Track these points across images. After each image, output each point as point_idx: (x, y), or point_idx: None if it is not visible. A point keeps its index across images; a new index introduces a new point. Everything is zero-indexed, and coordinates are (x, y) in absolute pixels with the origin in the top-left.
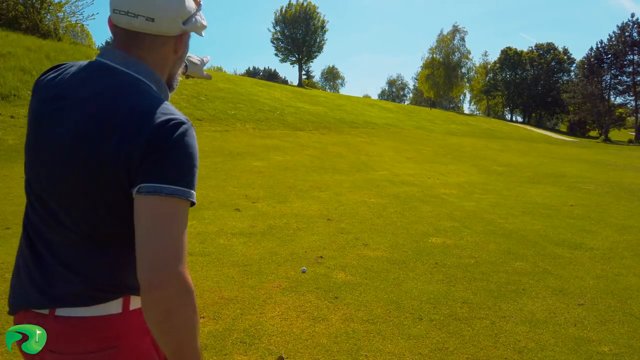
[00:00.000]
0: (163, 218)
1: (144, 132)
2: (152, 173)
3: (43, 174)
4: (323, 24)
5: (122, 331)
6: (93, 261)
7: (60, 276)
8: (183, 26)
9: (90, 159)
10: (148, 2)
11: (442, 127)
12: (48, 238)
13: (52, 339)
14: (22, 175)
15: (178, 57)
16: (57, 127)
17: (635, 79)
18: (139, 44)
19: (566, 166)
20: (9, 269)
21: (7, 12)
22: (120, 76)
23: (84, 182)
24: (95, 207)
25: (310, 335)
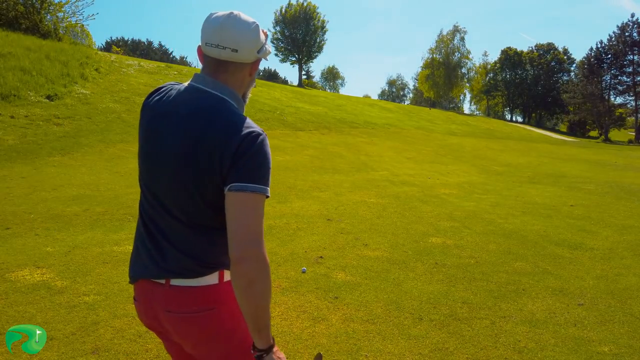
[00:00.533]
0: (248, 209)
1: (233, 143)
2: (240, 175)
3: (157, 176)
4: (323, 24)
5: (218, 297)
6: (195, 243)
7: (172, 254)
8: (257, 54)
9: (194, 166)
10: (234, 38)
11: (442, 127)
12: (160, 224)
13: (168, 301)
14: (22, 176)
15: (251, 79)
16: (168, 138)
17: (635, 79)
18: (225, 70)
19: (566, 166)
20: (9, 269)
21: (7, 12)
22: (212, 98)
23: (188, 183)
24: (196, 202)
25: (310, 335)
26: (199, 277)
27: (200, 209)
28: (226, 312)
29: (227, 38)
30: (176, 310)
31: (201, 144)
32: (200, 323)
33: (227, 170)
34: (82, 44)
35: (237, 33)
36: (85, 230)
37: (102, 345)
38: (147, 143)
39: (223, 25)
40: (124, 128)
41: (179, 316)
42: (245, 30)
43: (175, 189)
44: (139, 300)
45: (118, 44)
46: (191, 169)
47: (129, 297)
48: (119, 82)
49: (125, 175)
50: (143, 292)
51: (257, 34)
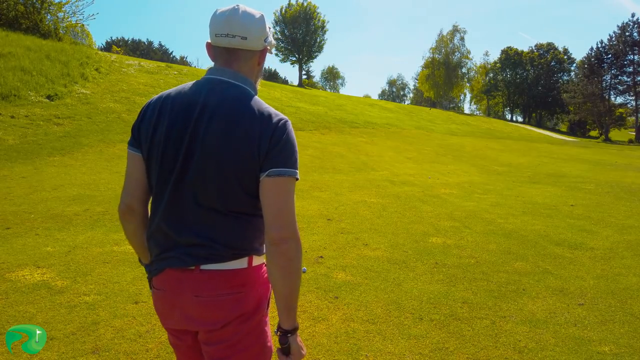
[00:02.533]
0: (285, 192)
1: (268, 132)
2: (276, 161)
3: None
4: (323, 24)
5: (247, 280)
6: (227, 230)
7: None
8: (265, 43)
9: (231, 155)
10: (242, 26)
11: (442, 127)
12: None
13: (197, 286)
14: (23, 175)
15: (260, 68)
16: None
17: (635, 78)
18: (236, 58)
19: (566, 166)
20: (9, 269)
21: (7, 12)
22: (235, 88)
23: (227, 171)
24: (234, 189)
25: (310, 335)
26: (229, 262)
27: (237, 196)
28: (252, 295)
29: (236, 27)
30: (205, 294)
31: (236, 134)
32: (228, 305)
33: (264, 157)
34: (83, 43)
35: (245, 21)
36: (85, 230)
37: (102, 345)
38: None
39: (231, 15)
40: (124, 128)
41: (209, 300)
42: (252, 19)
43: (211, 178)
44: (166, 289)
45: (118, 44)
46: (229, 157)
47: (129, 297)
48: (119, 82)
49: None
50: (170, 280)
51: (263, 24)
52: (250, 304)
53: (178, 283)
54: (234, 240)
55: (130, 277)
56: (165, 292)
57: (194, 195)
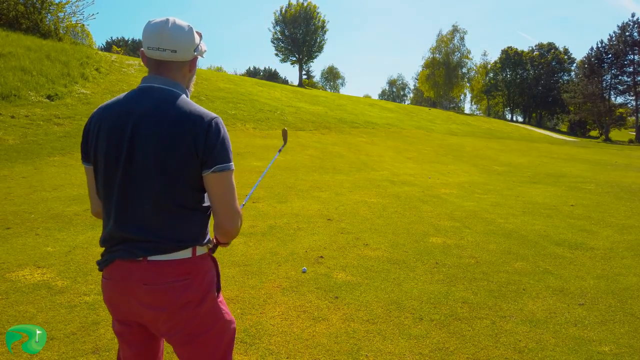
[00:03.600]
0: (229, 186)
1: (201, 128)
2: (217, 158)
3: (132, 169)
4: (323, 24)
5: (193, 269)
6: (172, 224)
7: (148, 236)
8: (194, 53)
9: (172, 154)
10: (172, 40)
11: (442, 127)
12: (133, 212)
13: (146, 275)
14: (23, 175)
15: (192, 74)
16: (140, 134)
17: (635, 78)
18: (168, 69)
19: (567, 166)
20: (9, 269)
21: (7, 12)
22: (166, 92)
23: (169, 170)
24: (178, 186)
25: (310, 335)
26: (174, 252)
27: (181, 191)
28: (198, 281)
29: (166, 41)
30: (154, 283)
31: (170, 134)
32: (176, 292)
33: (204, 155)
34: (83, 43)
35: (175, 35)
36: (85, 230)
37: (102, 345)
38: (114, 144)
39: (161, 30)
40: None
41: (157, 287)
42: (181, 33)
43: (153, 178)
44: (115, 279)
45: (118, 44)
46: (167, 156)
47: None
48: (120, 82)
49: None
50: (119, 270)
51: (192, 36)
52: (199, 290)
53: (128, 273)
54: (178, 233)
55: None
56: (115, 282)
57: (139, 195)
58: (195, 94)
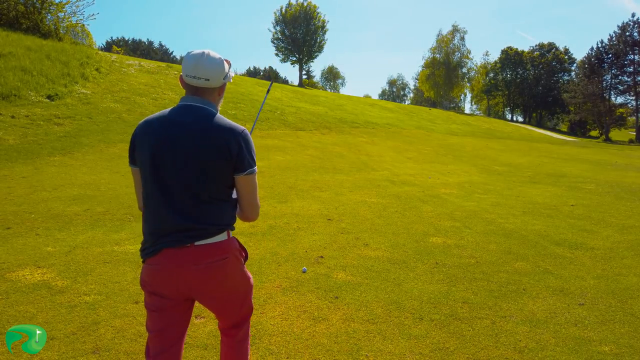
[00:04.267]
0: (254, 184)
1: (234, 139)
2: (246, 164)
3: (176, 170)
4: (323, 24)
5: (228, 248)
6: (211, 213)
7: (193, 224)
8: (223, 80)
9: (212, 159)
10: (206, 71)
11: (442, 127)
12: (179, 206)
13: (194, 258)
14: (23, 175)
15: (221, 97)
16: (183, 142)
17: (635, 78)
18: (202, 93)
19: (567, 166)
20: (9, 269)
21: (7, 12)
22: (202, 109)
23: (209, 171)
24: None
25: (310, 335)
26: (214, 237)
27: (217, 188)
28: (234, 258)
29: (201, 71)
30: (200, 262)
31: (208, 142)
32: (219, 268)
33: (236, 159)
34: (83, 43)
35: (208, 68)
36: (86, 230)
37: (102, 345)
38: (161, 149)
39: (198, 62)
40: (125, 128)
41: (204, 266)
42: (214, 65)
43: (195, 177)
44: (162, 264)
45: (118, 44)
46: (207, 160)
47: (129, 296)
48: (120, 82)
49: (126, 175)
50: (168, 257)
51: (222, 67)
52: (234, 264)
53: (177, 258)
54: (216, 220)
55: (131, 277)
56: (163, 266)
57: (182, 192)
58: None
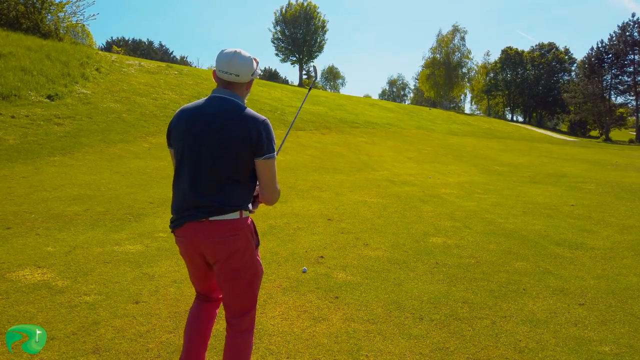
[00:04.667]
0: (273, 169)
1: (255, 128)
2: (265, 149)
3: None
4: (323, 24)
5: (239, 227)
6: (227, 193)
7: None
8: (251, 77)
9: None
10: (237, 68)
11: (442, 126)
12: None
13: (208, 232)
14: (23, 175)
15: (248, 91)
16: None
17: (636, 78)
18: (232, 86)
19: (567, 166)
20: (10, 269)
21: (7, 12)
22: (230, 101)
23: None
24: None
25: (310, 335)
26: (227, 214)
27: (236, 170)
28: (243, 236)
29: (233, 68)
30: (214, 237)
31: (233, 129)
32: (230, 243)
33: (255, 145)
34: (83, 43)
35: (239, 65)
36: (86, 230)
37: (102, 345)
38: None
39: (230, 59)
40: (125, 128)
41: (217, 240)
42: (244, 63)
43: (219, 160)
44: (185, 236)
45: (119, 44)
46: (230, 145)
47: (129, 297)
48: (120, 82)
49: (126, 175)
50: (189, 230)
51: (251, 65)
52: (243, 241)
53: (196, 231)
54: (231, 200)
55: (131, 277)
56: (186, 237)
57: (205, 172)
58: (195, 94)
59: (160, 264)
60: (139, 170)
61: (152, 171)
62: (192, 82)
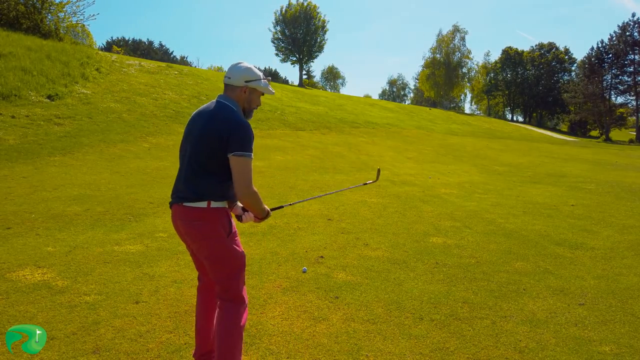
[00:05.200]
0: (245, 168)
1: (230, 127)
2: (236, 146)
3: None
4: (323, 24)
5: (205, 215)
6: (197, 183)
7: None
8: (245, 83)
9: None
10: (231, 71)
11: (442, 127)
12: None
13: (182, 215)
14: (23, 175)
15: (247, 96)
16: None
17: (636, 78)
18: (227, 90)
19: (567, 166)
20: (10, 269)
21: (8, 12)
22: (222, 104)
23: (208, 149)
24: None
25: (311, 335)
26: (196, 202)
27: (212, 163)
28: (209, 223)
29: (229, 72)
30: (185, 220)
31: (213, 127)
32: (196, 228)
33: (227, 143)
34: (83, 44)
35: (233, 69)
36: (86, 230)
37: (102, 345)
38: (188, 129)
39: (231, 66)
40: (125, 128)
41: (186, 223)
42: (239, 68)
43: (200, 153)
44: (172, 216)
45: (119, 44)
46: (208, 140)
47: (130, 297)
48: (120, 82)
49: (126, 175)
50: (173, 211)
51: (244, 71)
52: (208, 229)
53: (175, 213)
54: (202, 189)
55: (131, 277)
56: (173, 218)
57: (188, 163)
58: (195, 94)
59: (160, 264)
60: (139, 170)
61: (152, 171)
62: (192, 82)
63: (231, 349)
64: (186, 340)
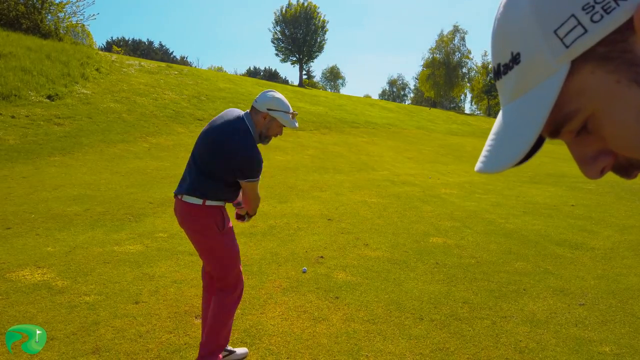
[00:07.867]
0: (253, 187)
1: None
2: (245, 176)
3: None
4: (323, 24)
5: (199, 211)
6: (198, 181)
7: (187, 185)
8: (266, 110)
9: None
10: (258, 98)
11: (442, 127)
12: (191, 171)
13: (179, 208)
14: (23, 175)
15: (265, 122)
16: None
17: None
18: (253, 110)
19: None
20: (10, 269)
21: (8, 12)
22: (241, 122)
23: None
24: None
25: (310, 335)
26: (193, 198)
27: (219, 174)
28: (200, 220)
29: (258, 96)
30: (182, 212)
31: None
32: (190, 221)
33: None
34: (83, 44)
35: (262, 96)
36: (86, 230)
37: (102, 345)
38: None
39: (262, 92)
40: (125, 128)
41: (183, 214)
42: (265, 95)
43: (209, 163)
44: (174, 205)
45: (119, 44)
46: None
47: (129, 297)
48: (120, 82)
49: (126, 175)
50: (175, 201)
51: (269, 100)
52: (199, 225)
53: (176, 204)
54: (201, 188)
55: (131, 277)
56: (175, 208)
57: (199, 165)
58: (195, 94)
59: (160, 264)
60: (139, 170)
61: (152, 171)
62: (192, 82)
63: (217, 332)
64: (186, 340)
